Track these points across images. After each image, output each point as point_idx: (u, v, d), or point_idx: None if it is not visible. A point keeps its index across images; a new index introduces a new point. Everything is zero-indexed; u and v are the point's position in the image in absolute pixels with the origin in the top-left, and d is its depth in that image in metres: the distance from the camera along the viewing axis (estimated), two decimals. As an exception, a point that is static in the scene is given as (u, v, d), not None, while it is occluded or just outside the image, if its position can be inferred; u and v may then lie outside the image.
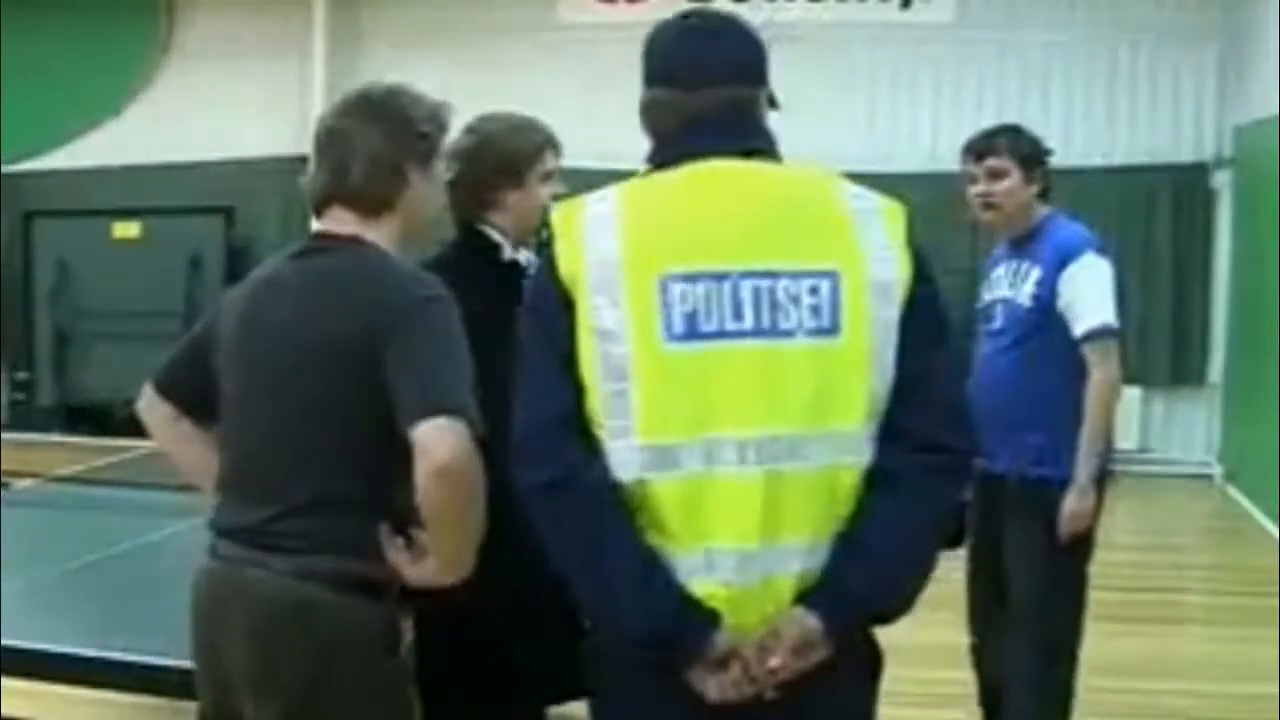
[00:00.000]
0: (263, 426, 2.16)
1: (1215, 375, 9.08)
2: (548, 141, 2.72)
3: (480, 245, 2.68)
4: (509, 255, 2.67)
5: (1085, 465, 3.44)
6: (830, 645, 1.79)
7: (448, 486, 1.96)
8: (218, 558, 2.17)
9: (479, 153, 2.67)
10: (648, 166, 1.97)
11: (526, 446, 1.83)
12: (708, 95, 1.92)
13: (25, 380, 10.38)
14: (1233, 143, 8.89)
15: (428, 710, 2.27)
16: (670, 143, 1.95)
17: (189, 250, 9.90)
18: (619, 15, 9.28)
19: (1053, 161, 3.65)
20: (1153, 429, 9.14)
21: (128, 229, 10.04)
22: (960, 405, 1.96)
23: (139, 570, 3.55)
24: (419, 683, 2.22)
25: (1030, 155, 3.57)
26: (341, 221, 2.22)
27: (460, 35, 9.68)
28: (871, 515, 1.81)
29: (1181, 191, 9.02)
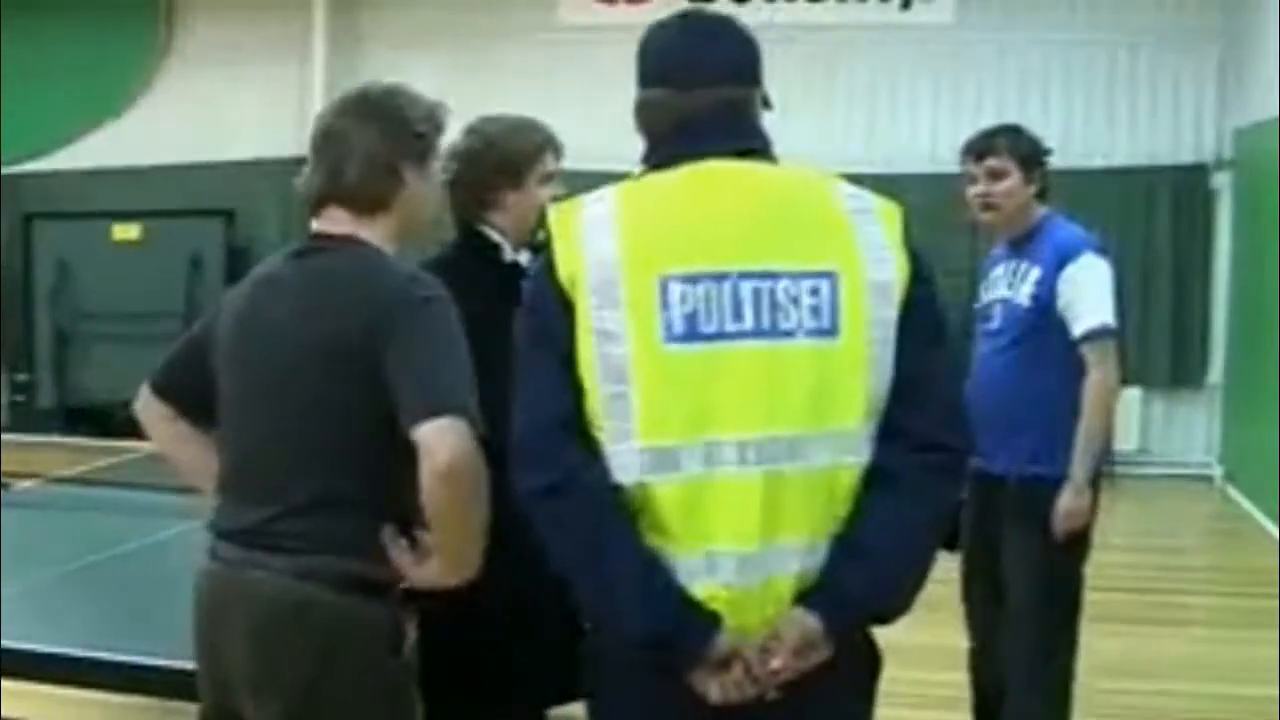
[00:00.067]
0: (262, 426, 2.16)
1: (1215, 376, 9.06)
2: (548, 142, 2.73)
3: (480, 246, 2.69)
4: (509, 256, 2.67)
5: (1081, 464, 3.44)
6: (830, 646, 1.79)
7: (451, 487, 1.96)
8: (218, 559, 2.17)
9: (479, 153, 2.67)
10: (643, 167, 1.97)
11: (525, 449, 1.82)
12: (703, 95, 1.92)
13: (25, 381, 10.37)
14: (1232, 145, 8.88)
15: (427, 710, 2.27)
16: (665, 143, 1.95)
17: (189, 252, 9.89)
18: (619, 17, 9.26)
19: (1053, 163, 3.65)
20: (1152, 430, 9.13)
21: (128, 231, 10.02)
22: (958, 405, 1.96)
23: (139, 571, 3.55)
24: (419, 683, 2.22)
25: (1030, 155, 3.57)
26: (337, 221, 2.22)
27: (460, 38, 9.66)
28: (870, 515, 1.81)
29: (1181, 193, 9.01)
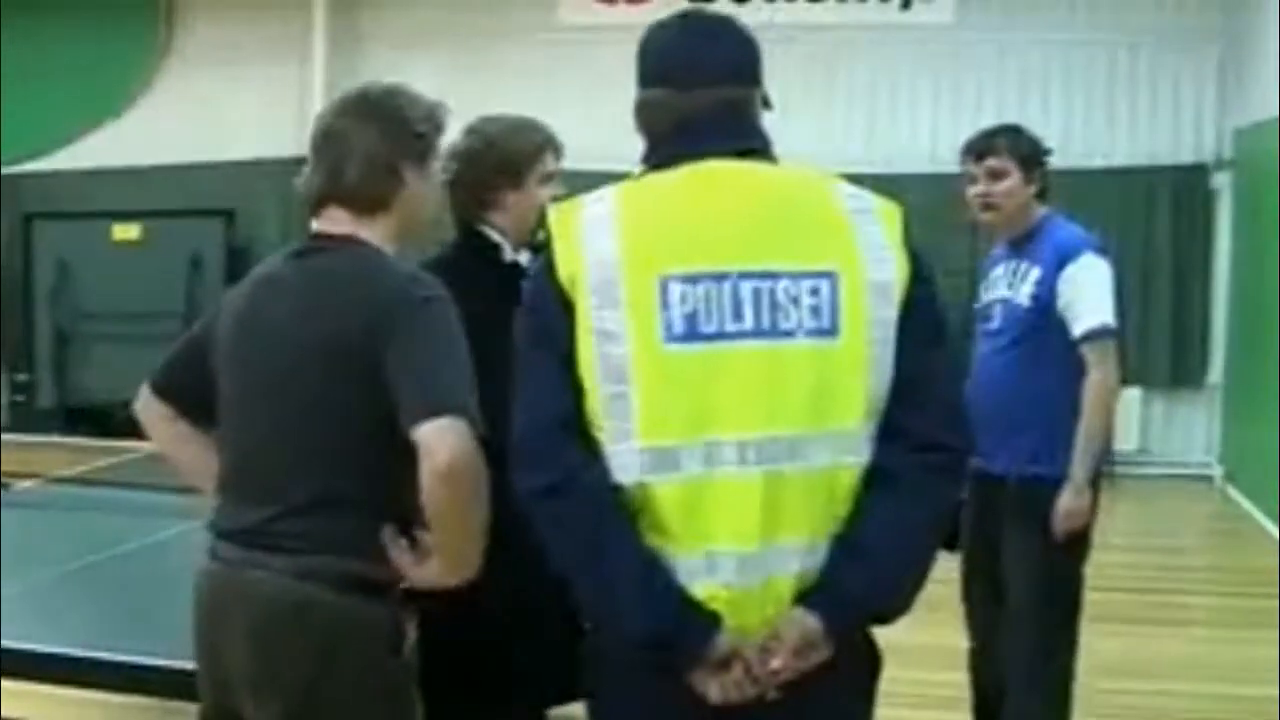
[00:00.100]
0: (262, 426, 2.16)
1: (1215, 376, 9.06)
2: (548, 142, 2.73)
3: (480, 246, 2.68)
4: (509, 256, 2.67)
5: (1081, 463, 3.44)
6: (830, 646, 1.79)
7: (451, 486, 1.96)
8: (218, 559, 2.17)
9: (479, 153, 2.67)
10: (643, 167, 1.97)
11: (525, 449, 1.82)
12: (703, 95, 1.92)
13: (25, 381, 10.37)
14: (1232, 145, 8.88)
15: (427, 710, 2.27)
16: (665, 143, 1.95)
17: (189, 252, 9.89)
18: (619, 17, 9.26)
19: (1053, 163, 3.65)
20: (1152, 430, 9.13)
21: (128, 231, 10.02)
22: (958, 405, 1.96)
23: (139, 571, 3.55)
24: (419, 683, 2.22)
25: (1030, 155, 3.57)
26: (337, 221, 2.22)
27: (461, 38, 9.66)
28: (870, 515, 1.81)
29: (1181, 193, 9.00)
